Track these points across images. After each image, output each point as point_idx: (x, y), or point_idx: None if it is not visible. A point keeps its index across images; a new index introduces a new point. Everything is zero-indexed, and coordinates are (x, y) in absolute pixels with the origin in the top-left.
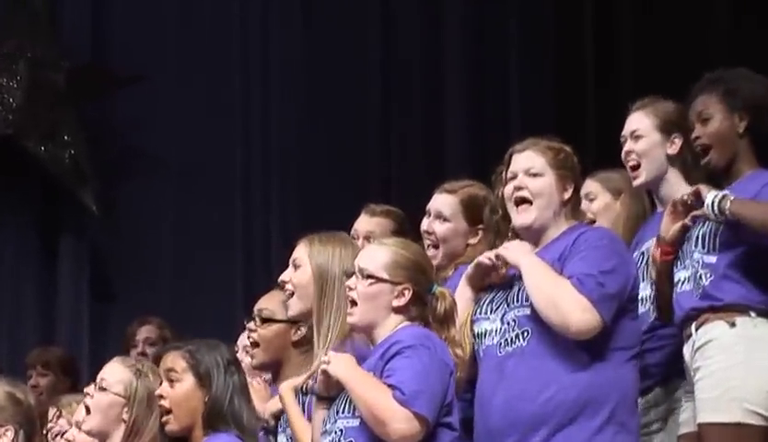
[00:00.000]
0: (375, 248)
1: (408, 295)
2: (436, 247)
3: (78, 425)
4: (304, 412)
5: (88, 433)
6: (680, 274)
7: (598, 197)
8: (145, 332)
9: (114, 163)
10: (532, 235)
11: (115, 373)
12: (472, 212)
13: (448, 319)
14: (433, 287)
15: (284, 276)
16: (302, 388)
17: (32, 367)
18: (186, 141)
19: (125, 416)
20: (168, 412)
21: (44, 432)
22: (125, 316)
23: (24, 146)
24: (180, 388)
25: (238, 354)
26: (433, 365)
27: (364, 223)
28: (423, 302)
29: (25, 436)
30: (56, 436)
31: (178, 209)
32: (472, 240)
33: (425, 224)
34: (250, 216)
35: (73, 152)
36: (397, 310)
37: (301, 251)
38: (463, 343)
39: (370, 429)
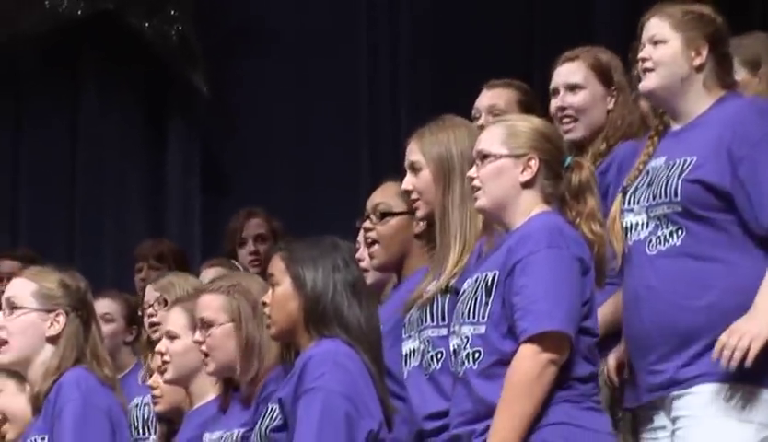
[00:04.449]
0: (490, 128)
1: (535, 165)
2: (575, 121)
3: (160, 370)
4: (443, 317)
5: (213, 373)
6: None
7: None
8: (253, 228)
9: (226, 39)
10: (660, 103)
11: (212, 305)
12: (603, 70)
13: (584, 189)
14: (567, 160)
15: (405, 185)
16: (445, 287)
17: (144, 259)
18: (305, 13)
19: (239, 339)
20: (270, 317)
21: (140, 314)
22: (239, 207)
23: (126, 23)
24: (278, 291)
25: (360, 251)
26: (563, 268)
27: (484, 98)
28: (556, 175)
29: (81, 321)
30: (153, 325)
31: (296, 90)
32: (611, 105)
33: (557, 101)
34: (378, 96)
35: (180, 28)
36: (527, 185)
37: (415, 151)
38: (613, 239)
39: (498, 339)
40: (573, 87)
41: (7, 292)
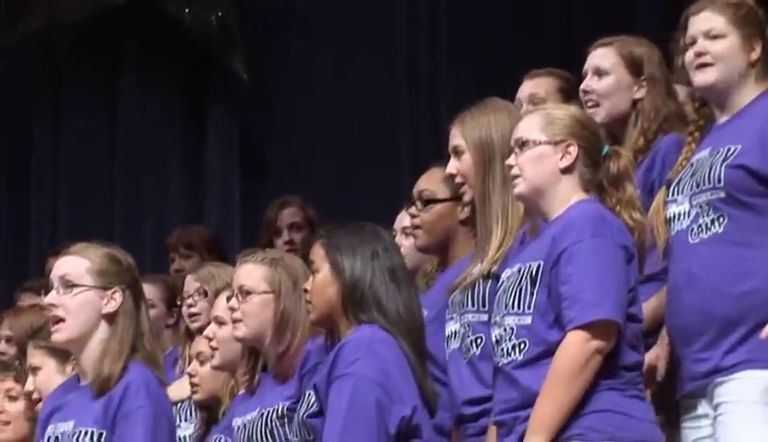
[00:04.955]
0: (527, 116)
1: (574, 152)
2: (597, 106)
3: (199, 358)
4: (484, 303)
5: (242, 338)
6: None
7: None
8: (287, 217)
9: (266, 26)
10: (715, 97)
11: (253, 273)
12: (633, 61)
13: (622, 177)
14: (605, 148)
15: (449, 169)
16: (488, 272)
17: (174, 249)
18: None
19: (276, 311)
20: (310, 303)
21: (179, 304)
22: (279, 194)
23: (166, 9)
24: (318, 277)
25: (396, 238)
26: (609, 257)
27: (525, 88)
28: (595, 162)
29: (132, 299)
30: (193, 315)
31: (336, 75)
32: (638, 94)
33: (583, 84)
34: (417, 83)
35: (220, 14)
36: (566, 171)
37: (456, 136)
38: (656, 230)
39: (544, 329)
40: (599, 72)
41: (60, 270)
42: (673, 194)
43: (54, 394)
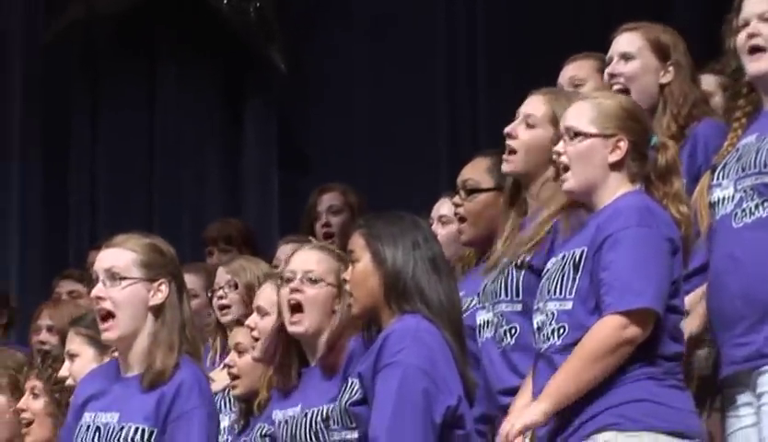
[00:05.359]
0: (578, 104)
1: (624, 147)
2: (625, 91)
3: (238, 349)
4: (518, 293)
5: (304, 334)
6: None
7: None
8: (326, 201)
9: (304, 16)
10: (765, 85)
11: (322, 263)
12: (659, 46)
13: (670, 170)
14: (653, 139)
15: (509, 129)
16: (518, 263)
17: (213, 243)
18: None
19: (336, 308)
20: (351, 295)
21: (209, 295)
22: (317, 186)
23: (204, 0)
24: (358, 267)
25: (432, 226)
26: (652, 247)
27: (566, 71)
28: (642, 155)
29: (176, 289)
30: (223, 308)
31: (374, 67)
32: (664, 79)
33: (609, 68)
34: (455, 74)
35: (258, 4)
36: (614, 166)
37: (536, 106)
38: (700, 214)
39: (584, 315)
40: (626, 57)
41: (105, 263)
42: (718, 179)
43: (90, 379)
